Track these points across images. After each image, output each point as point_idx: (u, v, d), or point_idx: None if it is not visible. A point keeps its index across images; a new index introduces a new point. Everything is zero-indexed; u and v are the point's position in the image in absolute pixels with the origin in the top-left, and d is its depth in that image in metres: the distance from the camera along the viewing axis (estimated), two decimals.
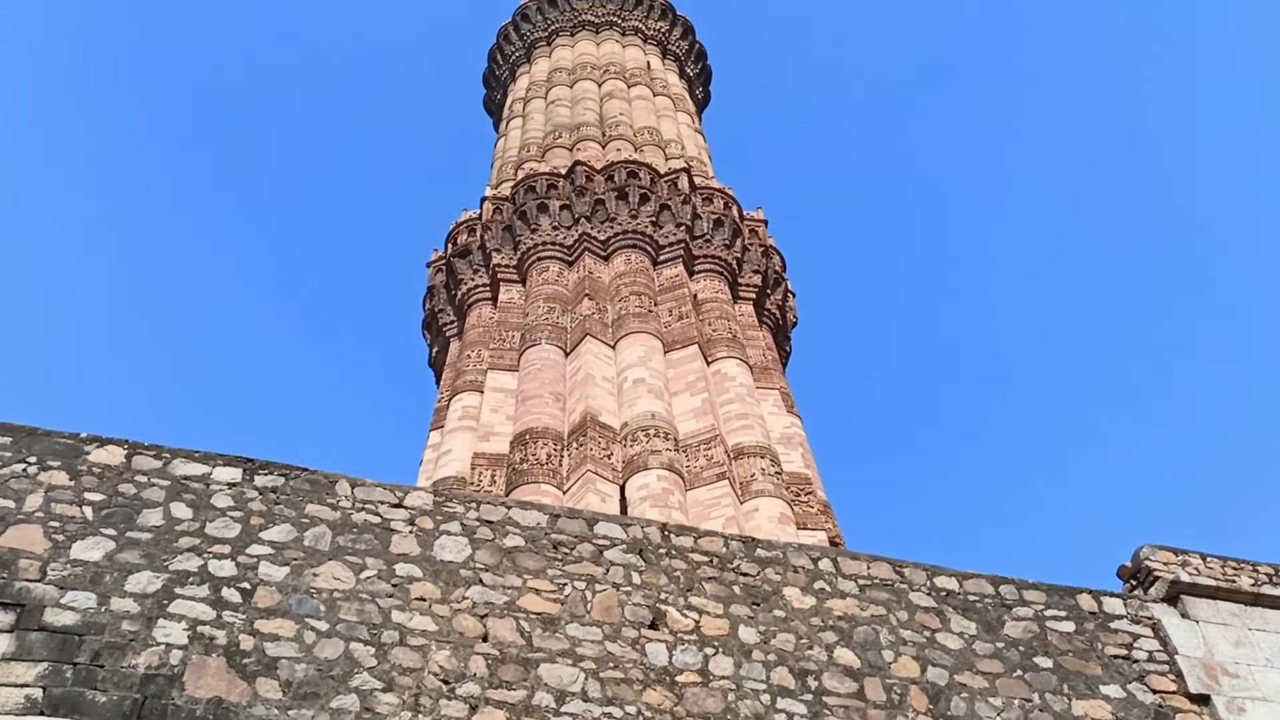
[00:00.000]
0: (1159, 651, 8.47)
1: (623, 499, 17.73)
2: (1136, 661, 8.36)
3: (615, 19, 33.69)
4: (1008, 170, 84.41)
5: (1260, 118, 72.89)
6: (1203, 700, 8.11)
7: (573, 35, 33.28)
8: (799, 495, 19.41)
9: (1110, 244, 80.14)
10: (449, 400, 22.36)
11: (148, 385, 74.40)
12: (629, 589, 7.71)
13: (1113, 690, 8.05)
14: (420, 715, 6.53)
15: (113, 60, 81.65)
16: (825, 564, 8.42)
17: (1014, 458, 75.59)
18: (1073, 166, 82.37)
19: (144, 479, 7.39)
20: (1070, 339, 79.03)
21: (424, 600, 7.19)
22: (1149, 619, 8.73)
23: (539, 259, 23.83)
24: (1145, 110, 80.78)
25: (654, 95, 30.74)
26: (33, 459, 7.28)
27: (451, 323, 25.70)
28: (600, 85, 30.71)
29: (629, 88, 30.59)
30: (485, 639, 7.08)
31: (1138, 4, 79.34)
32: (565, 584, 7.60)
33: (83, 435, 7.55)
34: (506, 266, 24.24)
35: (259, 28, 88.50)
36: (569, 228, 24.22)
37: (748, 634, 7.65)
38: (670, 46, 34.10)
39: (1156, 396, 72.81)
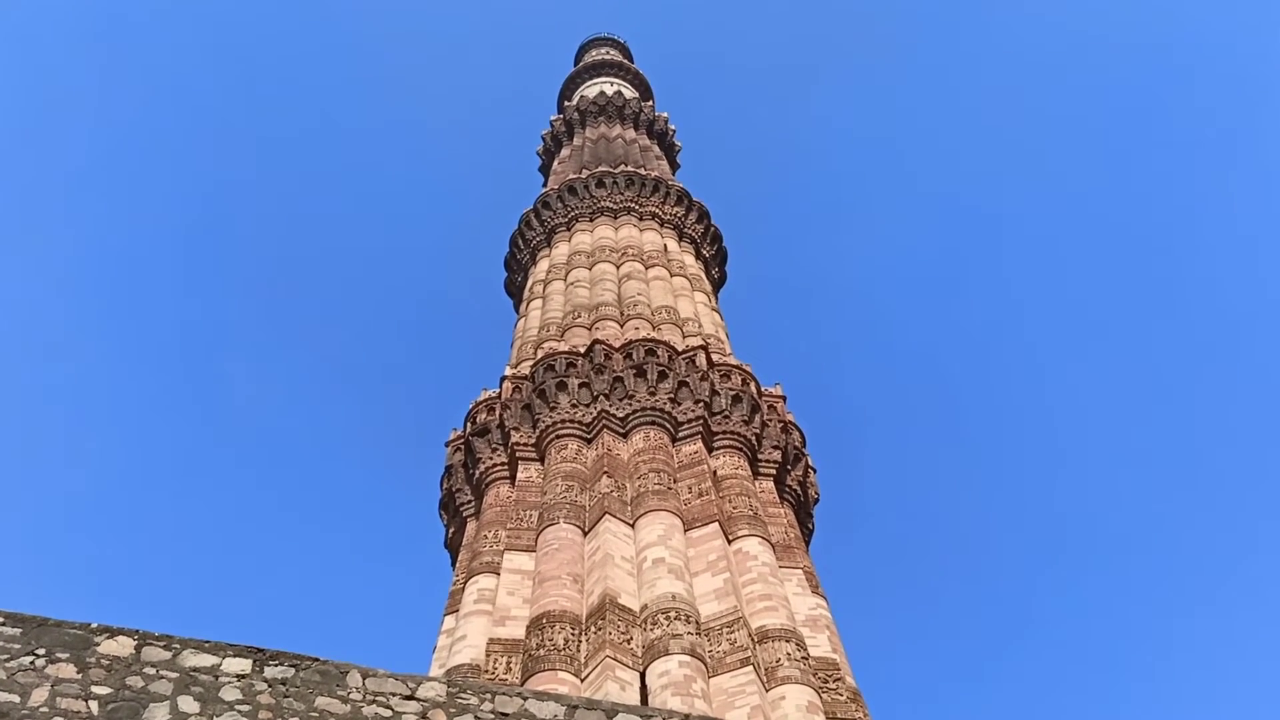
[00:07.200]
0: None
1: (643, 686, 17.08)
2: None
3: (633, 205, 34.84)
4: (1033, 336, 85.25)
5: None
6: None
7: (592, 220, 34.36)
8: (827, 682, 18.66)
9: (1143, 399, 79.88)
10: (464, 583, 21.92)
11: (160, 568, 73.68)
12: None
13: None
14: None
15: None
16: None
17: (1052, 637, 72.96)
18: (1100, 316, 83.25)
19: (152, 671, 7.20)
20: (1119, 513, 77.69)
21: None
22: None
23: (558, 437, 23.82)
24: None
25: (671, 276, 31.43)
26: (41, 650, 7.12)
27: (469, 502, 25.48)
28: (619, 267, 31.46)
29: (646, 269, 31.32)
30: None
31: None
32: None
33: (93, 625, 7.40)
34: (525, 445, 24.20)
35: (269, 210, 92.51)
36: (588, 405, 24.30)
37: None
38: (686, 230, 35.09)
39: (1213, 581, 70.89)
